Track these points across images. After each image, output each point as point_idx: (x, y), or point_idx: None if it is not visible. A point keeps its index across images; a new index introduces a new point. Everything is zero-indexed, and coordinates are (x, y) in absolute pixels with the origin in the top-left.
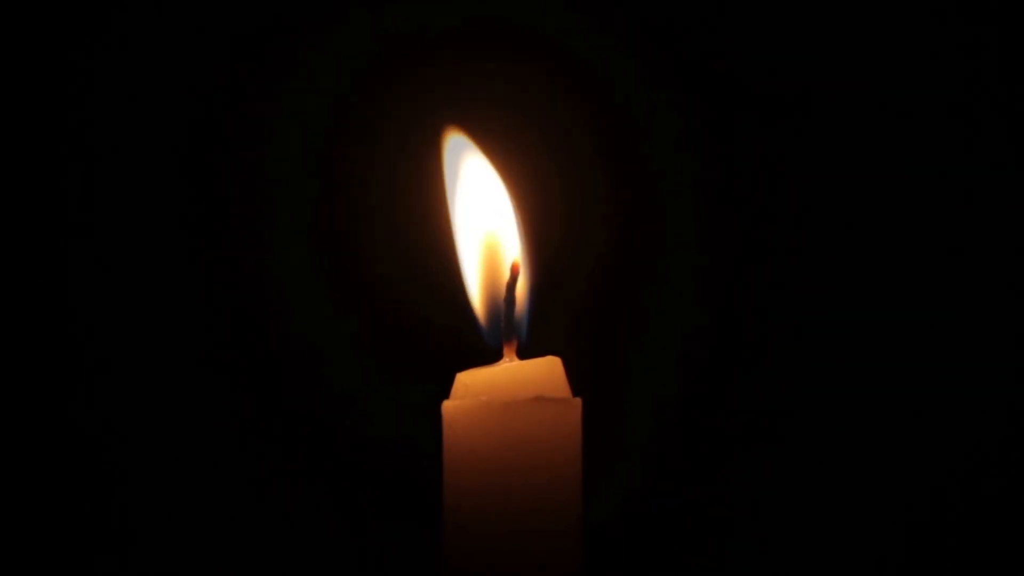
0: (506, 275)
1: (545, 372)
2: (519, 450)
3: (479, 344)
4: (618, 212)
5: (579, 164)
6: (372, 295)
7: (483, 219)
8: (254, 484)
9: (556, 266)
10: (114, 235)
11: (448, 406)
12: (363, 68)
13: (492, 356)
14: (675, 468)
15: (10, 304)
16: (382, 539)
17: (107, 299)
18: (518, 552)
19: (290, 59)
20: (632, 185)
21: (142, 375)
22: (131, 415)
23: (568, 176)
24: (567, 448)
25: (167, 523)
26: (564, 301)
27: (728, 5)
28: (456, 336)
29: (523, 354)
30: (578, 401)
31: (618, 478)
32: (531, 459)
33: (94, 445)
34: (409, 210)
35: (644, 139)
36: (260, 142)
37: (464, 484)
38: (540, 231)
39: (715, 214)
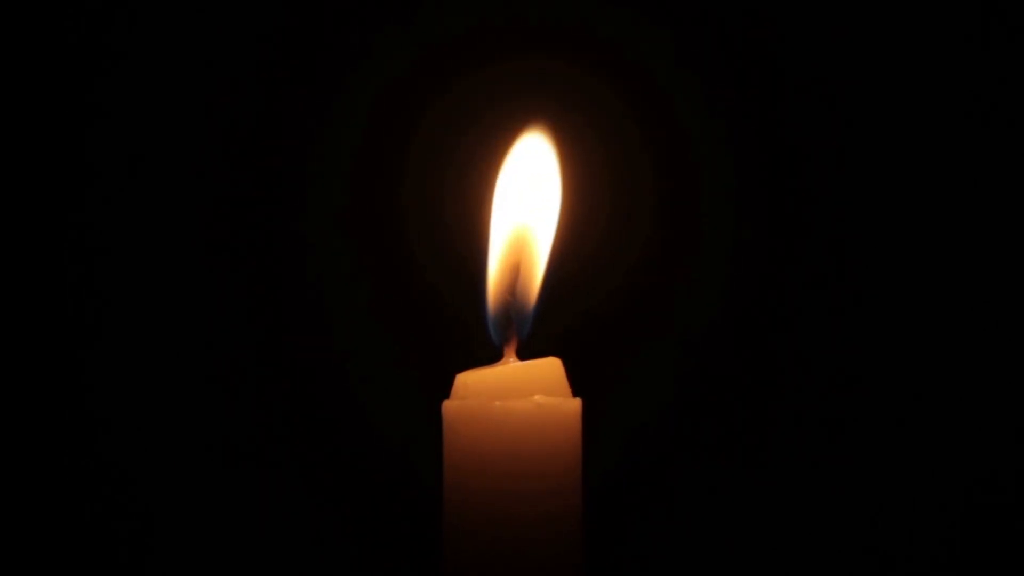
0: (532, 273)
1: (545, 373)
2: (519, 450)
3: (479, 344)
4: (619, 212)
5: (584, 162)
6: (372, 294)
7: (521, 213)
8: (254, 484)
9: (559, 266)
10: (114, 228)
11: (448, 406)
12: (407, 66)
13: (492, 356)
14: (675, 469)
15: (26, 303)
16: (382, 539)
17: (103, 293)
18: (518, 552)
19: (332, 51)
20: (633, 184)
21: (139, 376)
22: (129, 416)
23: (573, 174)
24: (567, 449)
25: (167, 523)
26: (564, 301)
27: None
28: (456, 336)
29: (523, 354)
30: (578, 401)
31: (618, 478)
32: (531, 459)
33: (89, 445)
34: (428, 206)
35: (651, 139)
36: (278, 136)
37: (464, 484)
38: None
39: (716, 214)
